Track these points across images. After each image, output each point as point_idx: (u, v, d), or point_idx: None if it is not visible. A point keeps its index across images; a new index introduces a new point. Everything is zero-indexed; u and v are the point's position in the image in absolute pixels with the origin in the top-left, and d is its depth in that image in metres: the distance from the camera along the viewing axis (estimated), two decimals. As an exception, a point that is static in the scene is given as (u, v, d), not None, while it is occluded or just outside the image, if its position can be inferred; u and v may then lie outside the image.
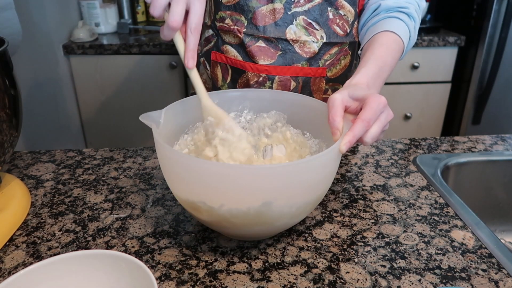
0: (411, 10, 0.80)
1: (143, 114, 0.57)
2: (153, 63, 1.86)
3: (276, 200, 0.50)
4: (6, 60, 0.62)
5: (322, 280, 0.53)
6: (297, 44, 0.82)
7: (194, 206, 0.53)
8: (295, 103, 0.68)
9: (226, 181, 0.49)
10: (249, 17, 0.82)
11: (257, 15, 0.82)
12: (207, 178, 0.49)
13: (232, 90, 0.69)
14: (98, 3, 1.91)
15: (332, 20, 0.82)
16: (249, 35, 0.83)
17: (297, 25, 0.82)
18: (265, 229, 0.55)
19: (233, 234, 0.59)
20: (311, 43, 0.82)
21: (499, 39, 1.84)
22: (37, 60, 1.60)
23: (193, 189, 0.52)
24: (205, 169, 0.49)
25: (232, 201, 0.50)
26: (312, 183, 0.52)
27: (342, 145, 0.53)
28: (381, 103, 0.56)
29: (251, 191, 0.49)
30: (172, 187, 0.57)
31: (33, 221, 0.64)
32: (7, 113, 0.62)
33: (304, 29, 0.82)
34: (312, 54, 0.83)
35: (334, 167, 0.56)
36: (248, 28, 0.83)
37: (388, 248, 0.59)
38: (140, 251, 0.57)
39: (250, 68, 0.85)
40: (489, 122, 2.01)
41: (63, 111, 1.83)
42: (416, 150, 0.87)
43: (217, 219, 0.53)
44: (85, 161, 0.82)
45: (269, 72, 0.84)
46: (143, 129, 0.89)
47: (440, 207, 0.68)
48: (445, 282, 0.53)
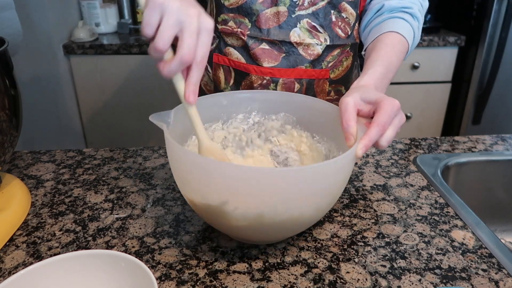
0: (414, 10, 0.80)
1: (153, 114, 0.56)
2: (153, 63, 1.82)
3: (290, 204, 0.49)
4: (6, 60, 0.62)
5: (322, 280, 0.53)
6: (301, 47, 0.83)
7: (206, 209, 0.52)
8: (304, 105, 0.68)
9: (242, 184, 0.47)
10: (253, 20, 0.82)
11: (261, 18, 0.81)
12: (223, 180, 0.48)
13: (240, 91, 0.68)
14: (98, 3, 1.91)
15: (335, 23, 0.83)
16: (252, 38, 0.83)
17: (301, 28, 0.82)
18: (276, 233, 0.55)
19: (244, 238, 0.58)
20: (315, 45, 0.83)
21: (499, 39, 1.84)
22: (37, 60, 1.60)
23: (207, 191, 0.50)
24: (221, 171, 0.48)
25: (246, 204, 0.49)
26: (327, 187, 0.51)
27: (359, 149, 0.53)
28: (395, 107, 0.56)
29: (265, 193, 0.48)
30: (182, 188, 0.55)
31: (33, 221, 0.64)
32: (7, 113, 0.62)
33: (308, 32, 0.82)
34: (315, 57, 0.84)
35: (349, 172, 0.55)
36: (252, 31, 0.83)
37: (388, 248, 0.59)
38: (140, 251, 0.57)
39: (254, 70, 0.85)
40: (489, 122, 2.01)
41: (63, 111, 1.83)
42: (416, 150, 0.87)
43: (230, 222, 0.52)
44: (85, 161, 0.82)
45: (273, 74, 0.84)
46: (144, 129, 0.89)
47: (440, 207, 0.68)
48: (445, 282, 0.53)
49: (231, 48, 0.87)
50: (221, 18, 0.85)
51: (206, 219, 0.57)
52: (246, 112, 0.71)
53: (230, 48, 0.87)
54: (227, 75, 0.89)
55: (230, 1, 0.83)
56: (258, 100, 0.70)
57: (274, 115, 0.71)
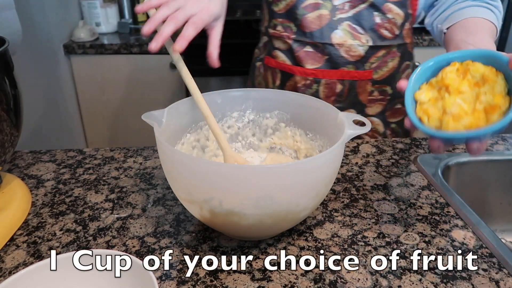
0: (498, 3, 0.81)
1: (145, 113, 0.57)
2: (154, 63, 1.86)
3: (276, 199, 0.50)
4: (6, 60, 0.62)
5: (322, 279, 0.53)
6: (343, 48, 0.85)
7: (195, 206, 0.53)
8: (297, 102, 0.68)
9: (227, 181, 0.49)
10: (298, 24, 0.86)
11: (304, 22, 0.85)
12: (208, 178, 0.49)
13: (235, 89, 0.69)
14: (99, 2, 1.91)
15: (380, 25, 0.84)
16: (297, 41, 0.87)
17: (343, 29, 0.84)
18: (265, 229, 0.55)
19: (234, 234, 0.59)
20: (357, 46, 0.84)
21: (500, 39, 1.84)
22: (37, 60, 1.60)
23: (194, 189, 0.52)
24: (206, 169, 0.49)
25: (232, 201, 0.50)
26: (313, 183, 0.52)
27: None
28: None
29: (251, 190, 0.49)
30: (173, 186, 0.57)
31: (34, 220, 0.64)
32: (8, 112, 0.62)
33: (349, 34, 0.84)
34: (358, 58, 0.85)
35: (336, 167, 0.56)
36: (296, 35, 0.87)
37: (388, 248, 0.59)
38: (140, 251, 0.57)
39: (298, 72, 0.89)
40: (489, 121, 2.01)
41: (63, 110, 1.83)
42: (417, 149, 0.87)
43: (218, 218, 0.53)
44: (85, 160, 0.82)
45: (316, 75, 0.88)
46: (144, 129, 0.90)
47: (440, 206, 0.68)
48: (445, 282, 0.53)
49: (277, 51, 0.92)
50: (273, 23, 0.91)
51: (200, 218, 0.57)
52: (241, 110, 0.71)
53: (277, 51, 0.92)
54: (274, 76, 0.94)
55: (279, 6, 0.87)
56: (252, 98, 0.71)
57: (269, 113, 0.71)
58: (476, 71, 0.51)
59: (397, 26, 0.85)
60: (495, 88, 0.49)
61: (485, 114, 0.49)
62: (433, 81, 0.54)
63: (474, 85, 0.50)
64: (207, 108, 0.61)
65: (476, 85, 0.50)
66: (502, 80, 0.49)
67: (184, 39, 0.58)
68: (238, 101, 0.71)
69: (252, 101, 0.71)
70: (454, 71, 0.52)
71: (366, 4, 0.82)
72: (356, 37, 0.84)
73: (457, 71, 0.52)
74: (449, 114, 0.50)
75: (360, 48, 0.84)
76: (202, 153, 0.70)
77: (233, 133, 0.73)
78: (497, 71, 0.50)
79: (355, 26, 0.84)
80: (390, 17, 0.84)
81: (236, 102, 0.71)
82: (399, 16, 0.84)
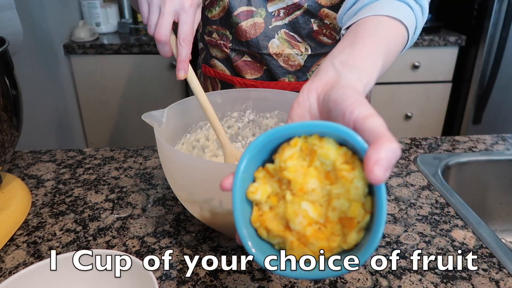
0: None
1: (145, 113, 0.57)
2: (154, 63, 1.86)
3: None
4: (7, 60, 0.62)
5: (322, 279, 0.53)
6: (281, 58, 0.80)
7: (195, 206, 0.53)
8: None
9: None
10: (233, 32, 0.81)
11: (239, 31, 0.79)
12: (208, 178, 0.49)
13: (235, 89, 0.69)
14: (99, 2, 1.91)
15: (318, 32, 0.79)
16: (234, 50, 0.82)
17: (279, 38, 0.79)
18: None
19: (234, 234, 0.59)
20: (296, 56, 0.80)
21: (500, 38, 1.83)
22: (38, 60, 1.60)
23: (194, 189, 0.52)
24: (206, 169, 0.49)
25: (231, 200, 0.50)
26: None
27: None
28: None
29: None
30: (173, 186, 0.57)
31: (34, 220, 0.64)
32: (8, 113, 0.62)
33: (287, 42, 0.79)
34: (298, 67, 0.81)
35: None
36: (233, 43, 0.81)
37: (389, 248, 0.59)
38: (141, 251, 0.57)
39: (238, 82, 0.84)
40: (489, 121, 2.01)
41: (63, 110, 1.83)
42: (417, 149, 0.87)
43: (218, 218, 0.53)
44: (85, 160, 0.82)
45: (256, 86, 0.82)
46: (144, 129, 0.90)
47: (440, 206, 0.68)
48: (445, 282, 0.53)
49: (215, 60, 0.86)
50: (207, 29, 0.84)
51: (200, 218, 0.57)
52: (241, 110, 0.71)
53: (215, 60, 0.86)
54: (214, 86, 0.89)
55: (212, 13, 0.81)
56: (252, 99, 0.71)
57: (269, 113, 0.71)
58: (326, 157, 0.33)
59: (336, 31, 0.79)
60: (351, 191, 0.32)
61: (341, 226, 0.33)
62: (271, 168, 0.36)
63: (325, 177, 0.34)
64: (207, 101, 0.59)
65: (327, 178, 0.34)
66: (360, 174, 0.32)
67: (185, 62, 0.57)
68: (238, 101, 0.71)
69: (252, 101, 0.71)
70: (296, 155, 0.34)
71: (301, 11, 0.77)
72: (294, 45, 0.79)
73: (301, 152, 0.34)
74: (294, 232, 0.34)
75: (299, 57, 0.80)
76: (202, 153, 0.70)
77: (233, 133, 0.73)
78: (354, 156, 0.33)
79: (293, 34, 0.79)
80: (328, 23, 0.78)
81: (236, 102, 0.71)
82: (336, 21, 0.79)
